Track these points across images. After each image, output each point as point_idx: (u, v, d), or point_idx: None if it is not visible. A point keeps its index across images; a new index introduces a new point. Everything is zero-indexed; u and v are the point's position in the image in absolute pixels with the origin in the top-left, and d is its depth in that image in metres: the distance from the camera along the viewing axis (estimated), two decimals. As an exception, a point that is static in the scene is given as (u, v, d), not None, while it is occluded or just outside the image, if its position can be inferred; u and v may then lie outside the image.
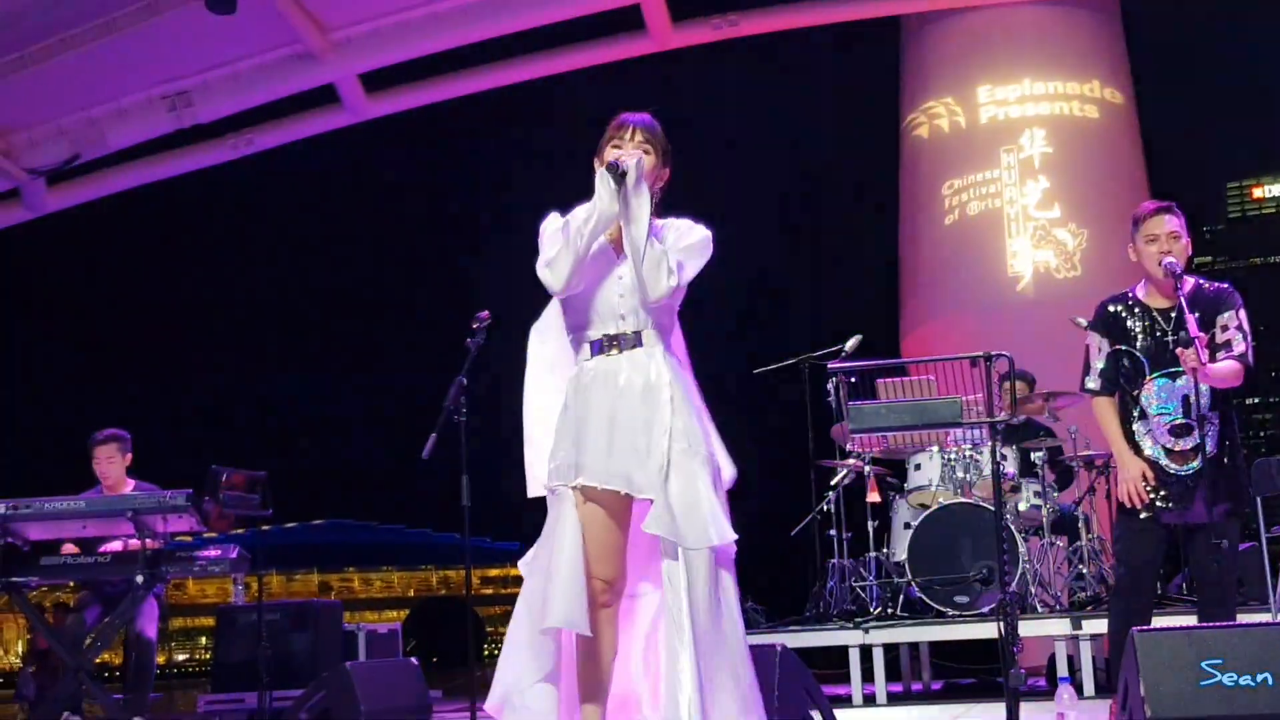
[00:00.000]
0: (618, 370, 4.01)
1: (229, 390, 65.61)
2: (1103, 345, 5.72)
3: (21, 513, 7.61)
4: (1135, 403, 5.63)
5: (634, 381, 3.99)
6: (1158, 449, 5.58)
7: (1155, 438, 5.59)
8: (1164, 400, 5.58)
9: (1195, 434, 5.51)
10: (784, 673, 4.43)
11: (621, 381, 3.99)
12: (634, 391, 3.98)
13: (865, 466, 9.97)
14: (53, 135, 13.92)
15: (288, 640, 9.74)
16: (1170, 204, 5.65)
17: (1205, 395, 5.48)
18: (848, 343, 9.94)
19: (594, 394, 4.00)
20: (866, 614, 9.44)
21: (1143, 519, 5.58)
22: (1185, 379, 5.48)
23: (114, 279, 59.80)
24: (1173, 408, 5.55)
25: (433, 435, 4.93)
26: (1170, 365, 5.55)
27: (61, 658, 7.87)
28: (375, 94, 14.12)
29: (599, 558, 3.95)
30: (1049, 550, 9.41)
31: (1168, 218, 5.58)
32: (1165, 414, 5.56)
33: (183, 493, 7.71)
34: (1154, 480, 5.55)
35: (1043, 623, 8.87)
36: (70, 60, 12.87)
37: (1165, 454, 5.57)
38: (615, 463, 3.93)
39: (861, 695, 9.23)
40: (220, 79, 13.69)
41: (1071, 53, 16.63)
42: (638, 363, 4.01)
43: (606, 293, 4.06)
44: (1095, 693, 8.37)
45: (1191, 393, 5.48)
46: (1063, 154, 16.38)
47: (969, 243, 16.54)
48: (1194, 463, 5.52)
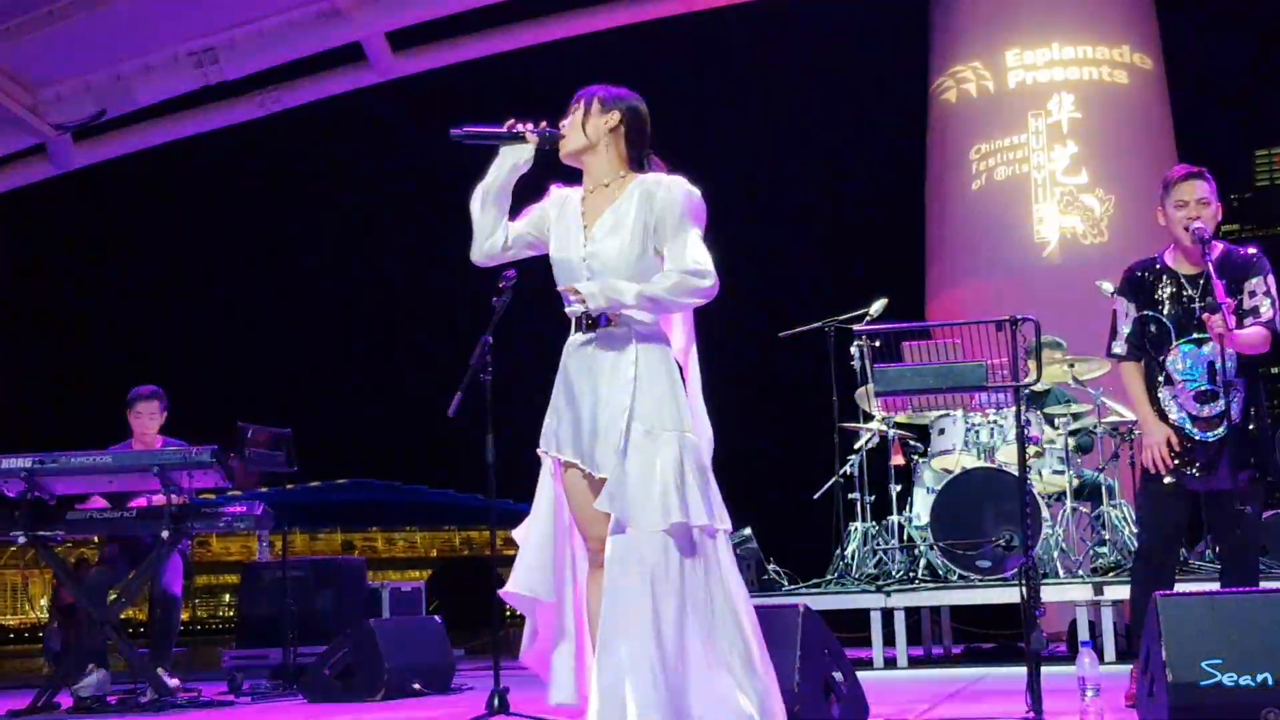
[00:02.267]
0: (591, 348, 4.01)
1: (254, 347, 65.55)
2: (1130, 310, 5.70)
3: (48, 467, 7.64)
4: (1161, 369, 5.62)
5: (603, 360, 3.98)
6: (1183, 415, 5.57)
7: (1180, 404, 5.57)
8: (1190, 366, 5.56)
9: (1221, 400, 5.48)
10: (806, 633, 4.43)
11: (592, 360, 4.00)
12: (602, 371, 3.97)
13: (889, 430, 9.98)
14: (80, 91, 13.93)
15: (312, 597, 9.80)
16: (1201, 169, 5.62)
17: (1231, 361, 5.45)
18: (873, 306, 9.94)
19: (571, 369, 4.03)
20: (888, 577, 9.46)
21: (1166, 484, 5.56)
22: (1212, 345, 5.45)
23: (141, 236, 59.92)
24: (1199, 374, 5.53)
25: (458, 394, 4.94)
26: (1197, 331, 5.53)
27: (87, 611, 7.92)
28: (402, 52, 14.09)
29: (591, 520, 3.94)
30: (1072, 516, 9.41)
31: (1198, 183, 5.55)
32: (1191, 380, 5.54)
33: (208, 449, 7.72)
34: (1179, 446, 5.54)
35: (1064, 588, 8.88)
36: (97, 16, 12.86)
37: (1190, 420, 5.55)
38: (581, 440, 3.94)
39: (883, 658, 9.26)
40: (247, 36, 13.66)
41: (1101, 17, 16.56)
42: (609, 341, 3.99)
43: (572, 268, 4.04)
44: (1116, 659, 8.37)
45: (1218, 359, 5.45)
46: (1091, 119, 16.32)
47: (995, 208, 16.51)
48: (1219, 429, 5.50)
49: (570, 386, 4.01)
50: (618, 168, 4.11)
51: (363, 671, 7.72)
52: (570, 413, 3.99)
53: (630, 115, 4.14)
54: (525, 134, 4.06)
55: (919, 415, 10.19)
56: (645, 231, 3.97)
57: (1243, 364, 5.50)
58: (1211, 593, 5.02)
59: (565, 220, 4.10)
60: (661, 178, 4.06)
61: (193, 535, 8.01)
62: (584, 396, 3.97)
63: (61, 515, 7.80)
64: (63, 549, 8.05)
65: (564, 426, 4.00)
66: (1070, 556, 9.25)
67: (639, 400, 3.89)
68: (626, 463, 3.84)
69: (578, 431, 3.96)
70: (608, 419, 3.90)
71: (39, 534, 7.72)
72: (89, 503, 8.04)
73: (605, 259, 3.96)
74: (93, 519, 7.90)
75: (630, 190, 4.04)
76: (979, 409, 9.84)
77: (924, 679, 7.96)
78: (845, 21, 20.19)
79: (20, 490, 7.67)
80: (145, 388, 8.55)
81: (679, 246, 3.94)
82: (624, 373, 3.93)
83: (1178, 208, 5.54)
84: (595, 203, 4.09)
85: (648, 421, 3.87)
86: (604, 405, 3.92)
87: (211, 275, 70.67)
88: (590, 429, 3.93)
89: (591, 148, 4.10)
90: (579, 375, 4.00)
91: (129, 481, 7.90)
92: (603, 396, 3.93)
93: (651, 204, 3.98)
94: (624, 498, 3.81)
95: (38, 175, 14.65)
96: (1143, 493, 5.81)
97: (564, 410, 4.02)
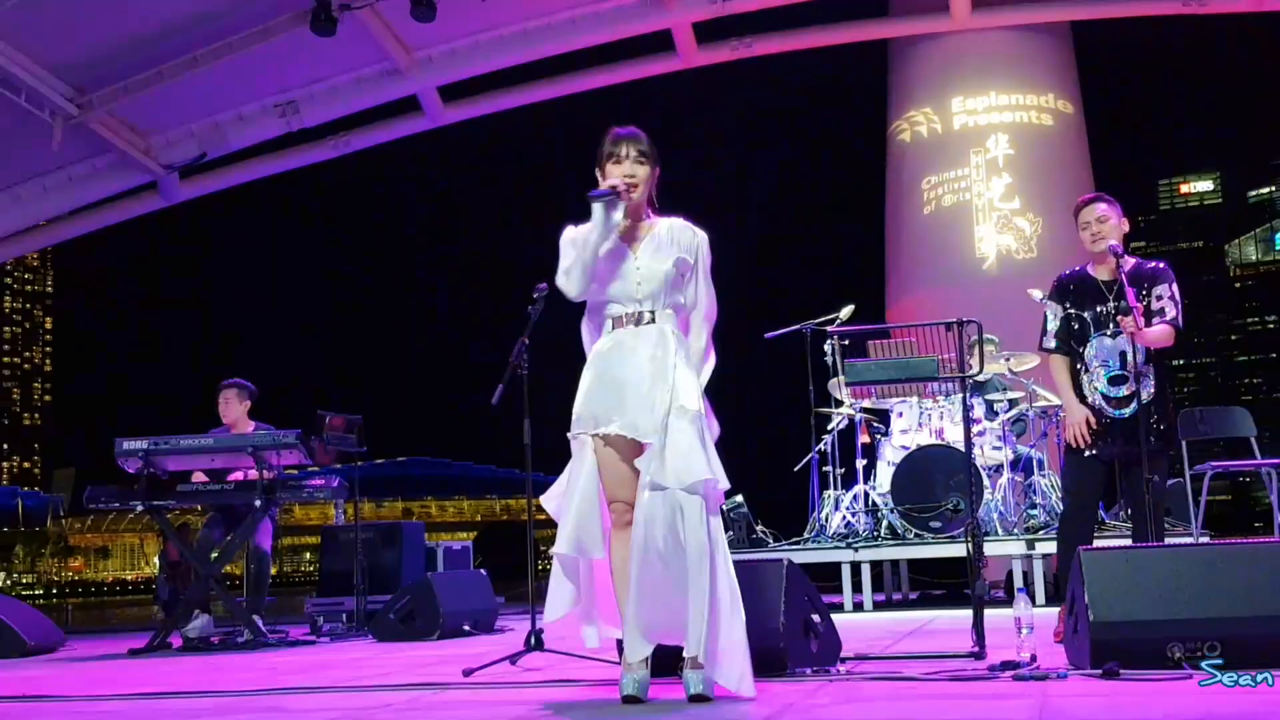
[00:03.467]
0: (633, 341, 4.02)
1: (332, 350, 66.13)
2: (1057, 312, 5.74)
3: (161, 448, 7.70)
4: (1081, 359, 5.66)
5: (644, 350, 4.00)
6: (1099, 397, 5.60)
7: (1097, 387, 5.61)
8: (1104, 357, 5.60)
9: (1130, 384, 5.52)
10: (790, 582, 4.44)
11: (634, 350, 4.00)
12: (644, 358, 3.98)
13: (856, 414, 9.99)
14: (185, 137, 13.97)
15: (379, 554, 9.81)
16: (1098, 195, 5.72)
17: (1140, 353, 5.51)
18: (842, 311, 9.95)
19: (612, 360, 4.01)
20: (856, 536, 9.47)
21: (1085, 456, 5.60)
22: (1123, 338, 5.50)
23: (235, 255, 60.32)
24: (1112, 363, 5.58)
25: (500, 386, 4.94)
26: (1107, 327, 5.58)
27: (193, 567, 7.96)
28: (451, 103, 14.14)
29: (619, 483, 3.96)
30: (1008, 485, 9.41)
31: (1095, 205, 5.67)
32: (1105, 368, 5.59)
33: (293, 432, 7.79)
34: (1095, 424, 5.57)
35: (1002, 544, 8.89)
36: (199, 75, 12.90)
37: (1105, 401, 5.58)
38: (626, 414, 3.93)
39: (852, 603, 9.28)
40: (322, 90, 13.71)
41: (1030, 70, 16.54)
42: (648, 336, 4.02)
43: (626, 281, 4.05)
44: (1045, 602, 8.38)
45: (1128, 349, 5.51)
46: (1022, 155, 16.31)
47: (943, 229, 16.49)
48: (1129, 408, 5.53)
49: (613, 371, 4.00)
50: (645, 207, 4.15)
51: (422, 616, 7.75)
52: (614, 392, 3.97)
53: (659, 168, 4.17)
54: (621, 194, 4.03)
55: (881, 401, 10.20)
56: (678, 259, 4.06)
57: (1150, 355, 5.54)
58: (1126, 547, 5.03)
59: (610, 249, 4.07)
60: (684, 223, 4.16)
61: (280, 504, 8.03)
62: (628, 379, 3.97)
63: (172, 488, 7.84)
64: (173, 515, 8.06)
65: (606, 405, 3.98)
66: (1007, 518, 9.25)
67: (677, 383, 3.94)
68: (666, 433, 3.88)
69: (622, 406, 3.95)
70: (656, 396, 3.93)
71: (154, 503, 7.76)
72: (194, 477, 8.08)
73: (650, 275, 4.03)
74: (198, 491, 7.94)
75: (659, 227, 4.13)
76: (931, 396, 9.86)
77: (886, 620, 7.97)
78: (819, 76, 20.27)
79: (138, 467, 7.73)
80: (226, 380, 8.63)
81: (704, 290, 4.16)
82: (664, 360, 3.97)
83: (1083, 228, 5.67)
84: (632, 233, 4.12)
85: (680, 399, 3.92)
86: (650, 385, 3.94)
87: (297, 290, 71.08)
88: (635, 404, 3.93)
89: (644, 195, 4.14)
90: (622, 363, 4.00)
91: (227, 459, 7.94)
92: (647, 378, 3.95)
93: (683, 241, 4.11)
94: (661, 463, 3.85)
95: (150, 207, 14.68)
96: (1066, 463, 5.83)
97: (605, 391, 3.99)
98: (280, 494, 7.83)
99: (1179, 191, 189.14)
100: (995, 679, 4.08)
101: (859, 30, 14.96)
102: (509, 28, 13.20)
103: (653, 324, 4.04)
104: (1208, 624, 4.04)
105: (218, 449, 7.84)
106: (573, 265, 4.02)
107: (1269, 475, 8.43)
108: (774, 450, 11.29)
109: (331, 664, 6.20)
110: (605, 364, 4.04)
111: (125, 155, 13.73)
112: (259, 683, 5.20)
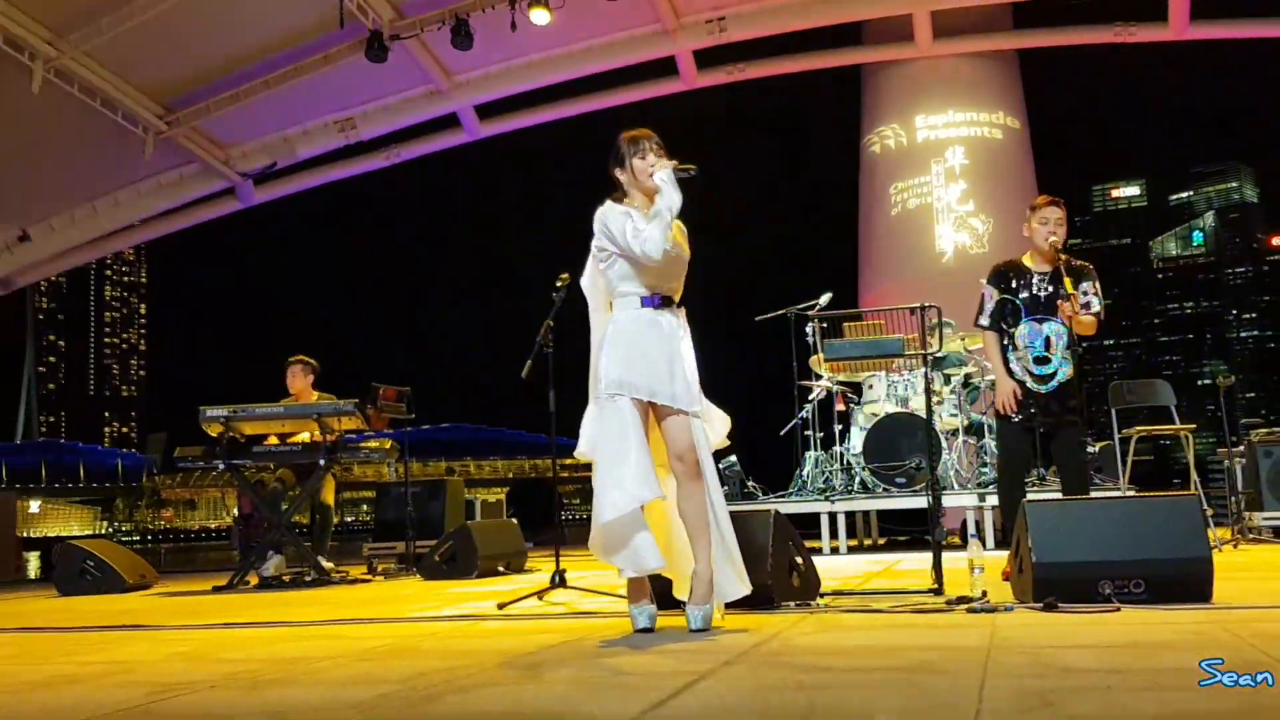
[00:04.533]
0: (665, 321, 3.96)
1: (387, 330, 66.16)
2: (994, 294, 5.68)
3: (239, 415, 7.70)
4: (1012, 339, 5.63)
5: (673, 329, 3.96)
6: (1025, 373, 5.59)
7: (1024, 365, 5.59)
8: (1032, 339, 5.58)
9: (1053, 364, 5.53)
10: (776, 529, 4.45)
11: (666, 328, 3.95)
12: (674, 337, 3.95)
13: (834, 386, 9.98)
14: (258, 149, 13.98)
15: (426, 506, 9.83)
16: (1059, 199, 5.64)
17: (1063, 337, 5.50)
18: (822, 298, 9.93)
19: (650, 334, 3.92)
20: (833, 490, 9.48)
21: (1013, 422, 5.60)
22: (1049, 323, 5.49)
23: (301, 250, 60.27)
24: (1038, 344, 5.55)
25: (529, 361, 4.95)
26: (1039, 313, 5.54)
27: (267, 517, 7.98)
28: (486, 120, 14.12)
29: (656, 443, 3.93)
30: (963, 447, 9.41)
31: (1057, 207, 5.58)
32: (1032, 349, 5.57)
33: (351, 401, 7.80)
34: (1022, 395, 5.56)
35: (958, 497, 8.89)
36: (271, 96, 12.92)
37: (1031, 377, 5.58)
38: (665, 383, 3.85)
39: (829, 547, 9.29)
40: (376, 109, 13.72)
41: (983, 91, 16.46)
42: (676, 317, 4.01)
43: (673, 266, 3.97)
44: (995, 546, 8.37)
45: (1053, 334, 5.51)
46: (976, 164, 16.24)
47: (908, 228, 16.43)
48: (1050, 384, 5.53)
49: (654, 347, 3.91)
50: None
51: (463, 557, 7.77)
52: (654, 365, 3.88)
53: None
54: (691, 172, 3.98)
55: (855, 375, 10.19)
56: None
57: (1071, 340, 5.52)
58: (1060, 500, 5.03)
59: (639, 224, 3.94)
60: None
61: (340, 463, 8.05)
62: (663, 353, 3.90)
63: (249, 449, 7.84)
64: (249, 472, 8.07)
65: (646, 375, 3.87)
66: (962, 475, 9.25)
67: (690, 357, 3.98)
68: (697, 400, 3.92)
69: (660, 378, 3.87)
70: (690, 371, 3.94)
71: (234, 462, 7.77)
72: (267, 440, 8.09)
73: (680, 260, 4.00)
74: (271, 451, 7.94)
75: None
76: (898, 370, 9.84)
77: (858, 561, 7.97)
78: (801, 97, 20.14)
79: (219, 432, 7.74)
80: (292, 356, 8.64)
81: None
82: (687, 340, 4.00)
83: (1042, 224, 5.54)
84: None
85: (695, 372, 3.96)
86: (683, 360, 3.94)
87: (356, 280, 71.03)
88: (670, 375, 3.87)
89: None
90: (659, 339, 3.92)
91: (296, 425, 7.95)
92: (681, 353, 3.95)
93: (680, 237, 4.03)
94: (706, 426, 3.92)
95: (229, 209, 14.70)
96: (999, 428, 5.83)
97: (646, 362, 3.88)
98: (341, 454, 7.84)
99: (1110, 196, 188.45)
100: (952, 611, 4.08)
101: (836, 57, 14.94)
102: (536, 54, 13.19)
103: (676, 307, 4.03)
104: (1133, 564, 4.05)
105: (287, 416, 7.85)
106: (659, 233, 3.84)
107: (1186, 438, 8.42)
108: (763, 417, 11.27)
109: (385, 599, 6.22)
110: (643, 338, 3.92)
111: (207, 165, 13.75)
112: (324, 614, 5.22)
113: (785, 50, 14.09)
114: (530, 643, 3.76)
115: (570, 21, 12.32)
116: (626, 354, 3.91)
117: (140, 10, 11.24)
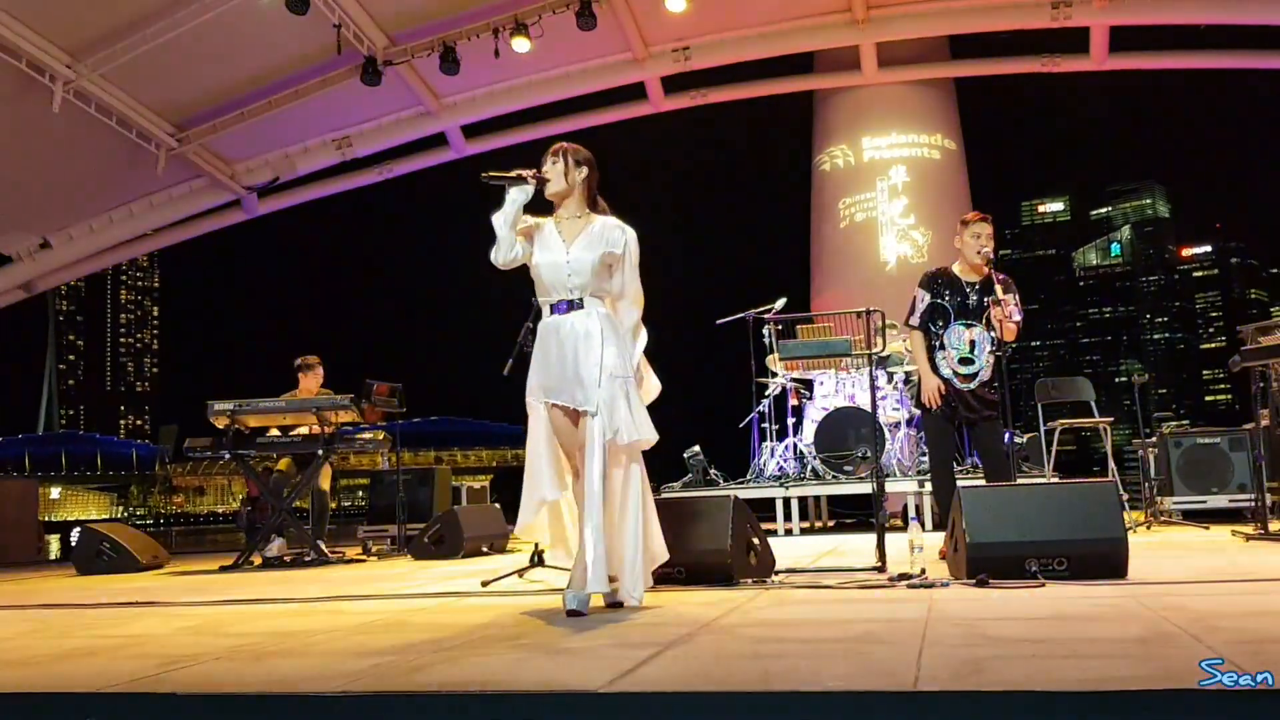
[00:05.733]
0: (567, 324, 3.86)
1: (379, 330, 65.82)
2: (925, 298, 5.70)
3: (245, 408, 7.65)
4: (940, 340, 5.65)
5: (577, 330, 3.84)
6: (950, 372, 5.62)
7: (949, 364, 5.62)
8: (956, 341, 5.61)
9: (975, 365, 5.56)
10: (735, 513, 4.46)
11: (568, 331, 3.85)
12: (577, 337, 3.83)
13: (788, 382, 10.01)
14: (262, 165, 13.88)
15: (416, 492, 9.80)
16: (989, 215, 5.67)
17: (986, 341, 5.53)
18: (777, 303, 9.96)
19: (550, 341, 3.88)
20: (787, 477, 9.50)
21: (937, 416, 5.63)
22: (975, 328, 5.53)
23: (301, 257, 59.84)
24: (962, 346, 5.59)
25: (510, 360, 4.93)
26: (965, 318, 5.57)
27: (270, 502, 7.93)
28: (472, 139, 14.07)
29: (570, 441, 3.85)
30: (905, 438, 9.45)
31: (987, 223, 5.60)
32: (956, 350, 5.60)
33: (348, 396, 7.76)
34: (946, 391, 5.59)
35: (900, 483, 8.93)
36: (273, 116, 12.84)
37: (955, 376, 5.61)
38: (567, 388, 3.79)
39: (783, 529, 9.31)
40: (371, 129, 13.66)
41: (923, 115, 16.52)
42: (579, 319, 3.86)
43: (559, 273, 3.89)
44: (933, 528, 8.41)
45: (978, 338, 5.54)
46: (916, 182, 16.31)
47: (855, 239, 16.48)
48: (972, 384, 5.56)
49: (552, 351, 3.86)
50: (584, 206, 4.00)
51: (450, 539, 7.74)
52: (556, 369, 3.83)
53: (594, 170, 4.03)
54: (527, 179, 3.92)
55: (807, 372, 10.22)
56: (605, 254, 3.89)
57: (992, 343, 5.55)
58: (992, 485, 5.06)
59: (546, 239, 3.94)
60: (616, 221, 3.98)
61: (337, 453, 8.02)
62: (565, 357, 3.82)
63: (253, 440, 7.79)
64: (253, 461, 8.01)
65: (551, 380, 3.84)
66: (904, 463, 9.29)
67: (605, 357, 3.80)
68: (601, 398, 3.75)
69: (561, 381, 3.81)
70: (588, 371, 3.78)
71: (239, 452, 7.72)
72: (269, 432, 8.04)
73: (579, 266, 3.87)
74: (274, 442, 7.90)
75: (594, 224, 3.96)
76: (845, 369, 9.88)
77: (809, 542, 8.00)
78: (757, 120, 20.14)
79: (226, 424, 7.68)
80: (302, 357, 8.58)
81: (632, 280, 3.95)
82: (594, 338, 3.82)
83: (974, 238, 5.56)
84: (569, 228, 3.96)
85: (610, 370, 3.79)
86: (583, 362, 3.79)
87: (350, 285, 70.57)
88: (573, 379, 3.79)
89: (569, 191, 3.99)
90: (560, 344, 3.84)
91: (296, 418, 7.90)
92: (580, 356, 3.80)
93: (611, 237, 3.92)
94: (600, 420, 3.74)
95: (235, 220, 14.58)
96: (925, 421, 5.84)
97: (549, 368, 3.85)
98: (337, 445, 7.80)
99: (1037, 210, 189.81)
100: (894, 587, 4.11)
101: (790, 84, 14.99)
102: (518, 79, 13.17)
103: (582, 309, 3.87)
104: (1057, 544, 4.09)
105: (288, 409, 7.80)
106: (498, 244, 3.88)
107: (1104, 430, 8.49)
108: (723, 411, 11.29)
109: (379, 577, 6.19)
110: (546, 345, 3.89)
111: (215, 179, 13.63)
112: (323, 592, 5.19)
113: (744, 77, 14.13)
114: (511, 617, 3.75)
115: (549, 50, 12.31)
116: (537, 363, 3.92)
117: (153, 36, 11.14)
